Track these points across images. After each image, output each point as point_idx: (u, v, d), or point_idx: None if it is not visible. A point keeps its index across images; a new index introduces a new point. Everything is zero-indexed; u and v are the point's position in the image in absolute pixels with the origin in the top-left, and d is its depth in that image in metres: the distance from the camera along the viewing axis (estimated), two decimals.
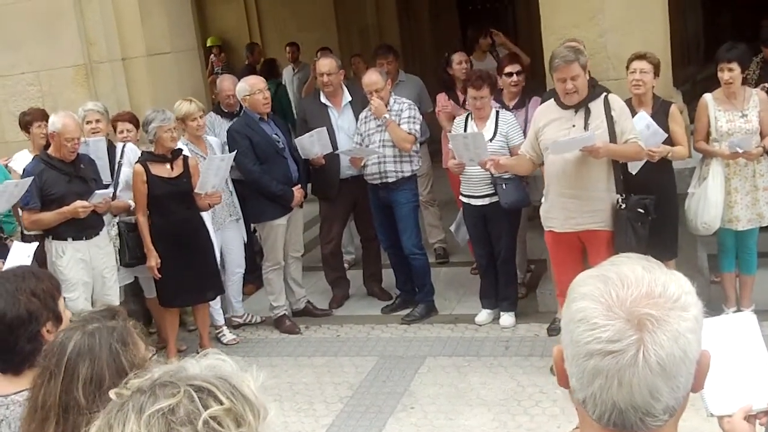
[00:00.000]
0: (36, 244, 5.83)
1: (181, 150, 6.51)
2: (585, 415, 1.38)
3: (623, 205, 5.43)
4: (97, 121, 6.71)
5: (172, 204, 6.40)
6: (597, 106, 5.43)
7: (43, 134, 6.71)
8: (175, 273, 6.38)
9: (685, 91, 7.52)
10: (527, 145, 5.75)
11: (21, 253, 5.53)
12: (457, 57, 8.01)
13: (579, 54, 5.36)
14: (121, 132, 6.95)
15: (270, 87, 7.58)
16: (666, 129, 5.83)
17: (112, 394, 1.30)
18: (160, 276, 6.39)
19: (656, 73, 5.87)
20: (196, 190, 6.47)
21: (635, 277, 1.34)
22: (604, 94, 5.50)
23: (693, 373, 1.35)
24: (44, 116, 6.80)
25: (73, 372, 2.04)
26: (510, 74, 6.89)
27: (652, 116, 5.81)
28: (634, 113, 5.74)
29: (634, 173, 5.65)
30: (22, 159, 6.72)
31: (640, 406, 1.30)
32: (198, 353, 4.73)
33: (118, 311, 2.23)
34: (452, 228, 7.19)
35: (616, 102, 5.48)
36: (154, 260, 6.35)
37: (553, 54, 5.48)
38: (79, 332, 2.10)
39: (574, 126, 5.41)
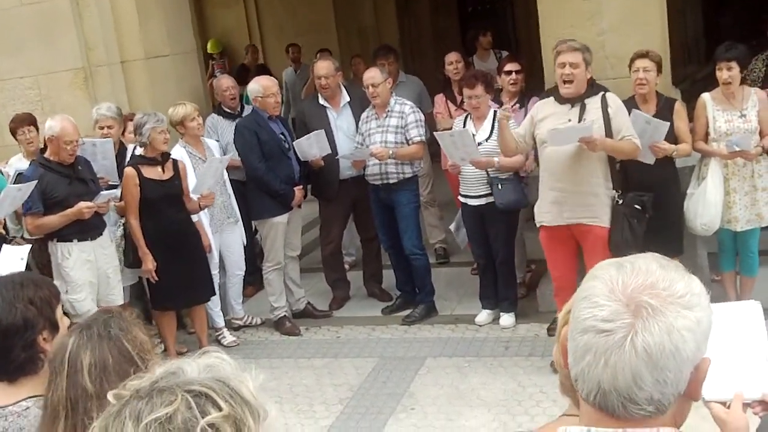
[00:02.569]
0: (29, 246, 5.83)
1: (169, 153, 6.50)
2: (579, 394, 1.41)
3: (620, 201, 5.45)
4: (110, 127, 6.76)
5: (165, 206, 6.38)
6: (594, 102, 5.47)
7: (29, 140, 6.74)
8: (168, 276, 6.37)
9: (684, 89, 7.51)
10: (520, 129, 5.78)
11: (13, 256, 5.43)
12: (449, 57, 7.98)
13: (586, 49, 5.43)
14: (131, 133, 6.94)
15: None
16: (671, 126, 5.83)
17: (110, 396, 1.30)
18: (156, 279, 6.39)
19: (659, 71, 5.86)
20: (191, 191, 6.46)
21: (647, 269, 1.38)
22: (602, 92, 5.52)
23: (687, 374, 1.35)
24: (30, 122, 6.82)
25: (76, 362, 2.11)
26: (509, 72, 6.90)
27: (657, 113, 5.82)
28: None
29: (652, 163, 5.68)
30: (16, 163, 6.73)
31: (623, 390, 1.33)
32: None
33: (112, 309, 2.39)
34: (452, 228, 7.20)
35: (614, 101, 5.49)
36: (150, 263, 6.34)
37: (560, 41, 5.51)
38: (77, 331, 2.20)
39: (569, 120, 5.45)
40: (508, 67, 6.94)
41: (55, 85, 7.59)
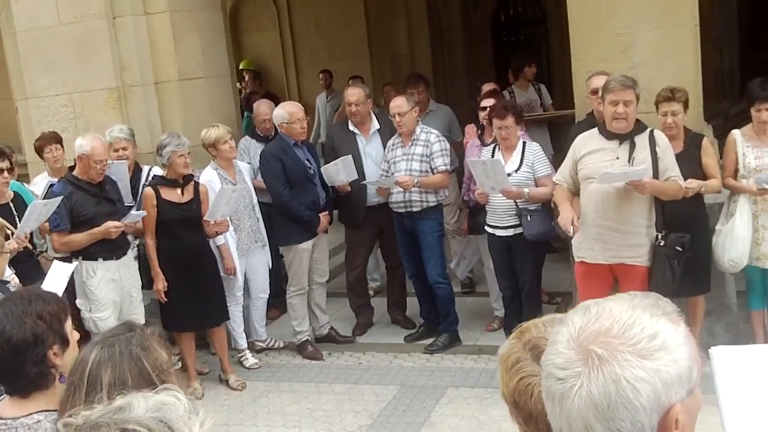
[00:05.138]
0: (76, 264, 5.87)
1: (192, 176, 6.56)
2: None
3: (663, 242, 5.36)
4: (124, 148, 6.83)
5: (181, 229, 6.44)
6: (642, 140, 5.35)
7: (55, 158, 6.83)
8: (180, 297, 6.41)
9: (716, 125, 7.43)
10: (564, 174, 5.62)
11: (61, 273, 5.40)
12: (487, 87, 8.00)
13: (636, 84, 5.33)
14: None
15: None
16: (699, 163, 5.77)
17: (59, 424, 1.32)
18: (165, 300, 6.43)
19: (686, 108, 5.79)
20: (205, 217, 6.51)
21: (610, 313, 1.36)
22: (650, 129, 5.42)
23: (652, 422, 1.30)
24: (56, 140, 6.92)
25: (96, 380, 2.08)
26: (484, 108, 6.92)
27: (684, 150, 5.75)
28: None
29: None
30: (41, 182, 6.80)
31: None
32: (220, 376, 4.76)
33: (135, 324, 2.29)
34: (452, 265, 7.23)
35: (661, 139, 5.39)
36: (161, 284, 6.40)
37: (609, 78, 5.43)
38: (99, 345, 2.17)
39: (617, 158, 5.32)
40: (485, 103, 6.95)
41: (89, 104, 7.68)
